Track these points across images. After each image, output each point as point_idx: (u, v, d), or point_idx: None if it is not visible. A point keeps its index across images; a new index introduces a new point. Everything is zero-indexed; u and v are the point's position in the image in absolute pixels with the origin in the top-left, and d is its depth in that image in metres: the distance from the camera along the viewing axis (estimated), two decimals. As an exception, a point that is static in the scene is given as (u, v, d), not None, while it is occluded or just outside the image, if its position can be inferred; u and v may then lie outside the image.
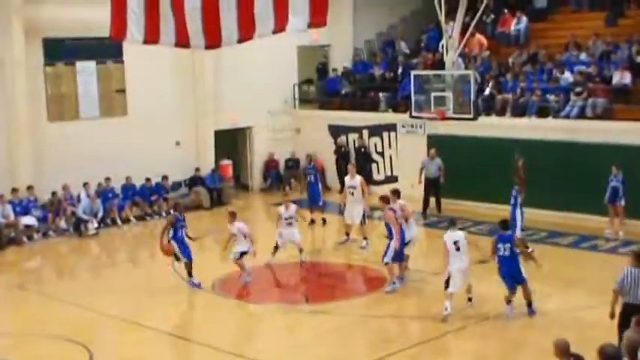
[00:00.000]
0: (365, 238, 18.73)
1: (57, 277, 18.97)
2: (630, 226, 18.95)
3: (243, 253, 16.00)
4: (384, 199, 15.60)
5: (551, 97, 21.58)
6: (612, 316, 11.12)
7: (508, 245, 13.33)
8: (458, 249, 13.65)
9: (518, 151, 17.82)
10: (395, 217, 15.16)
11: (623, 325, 10.58)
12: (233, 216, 16.16)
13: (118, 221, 22.59)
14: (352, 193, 18.86)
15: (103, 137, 23.01)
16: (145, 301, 15.51)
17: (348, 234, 19.12)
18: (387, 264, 15.33)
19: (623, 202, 18.73)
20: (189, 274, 15.95)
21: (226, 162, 25.81)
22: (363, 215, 18.70)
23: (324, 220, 21.02)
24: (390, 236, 15.17)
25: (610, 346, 8.31)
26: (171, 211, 16.84)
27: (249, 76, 25.58)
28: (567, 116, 21.03)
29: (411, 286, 15.81)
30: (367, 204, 18.78)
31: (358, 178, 19.01)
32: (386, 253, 15.25)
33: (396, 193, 15.83)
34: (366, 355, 12.50)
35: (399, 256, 15.29)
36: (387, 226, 15.25)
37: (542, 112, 21.66)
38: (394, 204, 15.52)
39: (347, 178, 19.35)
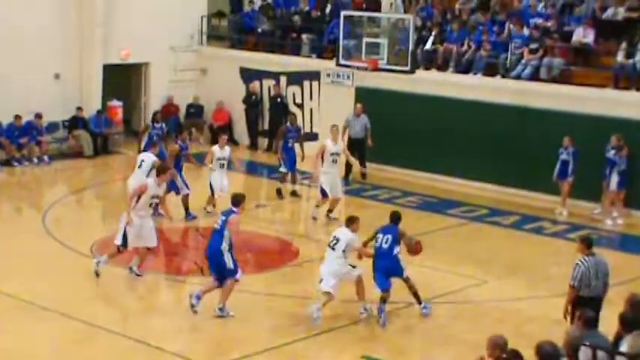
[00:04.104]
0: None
1: None
2: (576, 207, 19.30)
3: None
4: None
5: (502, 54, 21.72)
6: (567, 316, 11.27)
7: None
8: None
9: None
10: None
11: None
12: None
13: (-24, 166, 21.98)
14: (222, 165, 18.63)
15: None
16: (3, 264, 15.05)
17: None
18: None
19: (571, 179, 19.02)
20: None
21: (115, 103, 25.32)
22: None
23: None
24: None
25: (548, 344, 8.43)
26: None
27: (150, 2, 25.04)
28: (518, 76, 21.20)
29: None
30: None
31: (228, 149, 18.78)
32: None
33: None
34: (268, 340, 12.38)
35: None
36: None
37: (491, 69, 21.81)
38: None
39: (216, 148, 18.75)
